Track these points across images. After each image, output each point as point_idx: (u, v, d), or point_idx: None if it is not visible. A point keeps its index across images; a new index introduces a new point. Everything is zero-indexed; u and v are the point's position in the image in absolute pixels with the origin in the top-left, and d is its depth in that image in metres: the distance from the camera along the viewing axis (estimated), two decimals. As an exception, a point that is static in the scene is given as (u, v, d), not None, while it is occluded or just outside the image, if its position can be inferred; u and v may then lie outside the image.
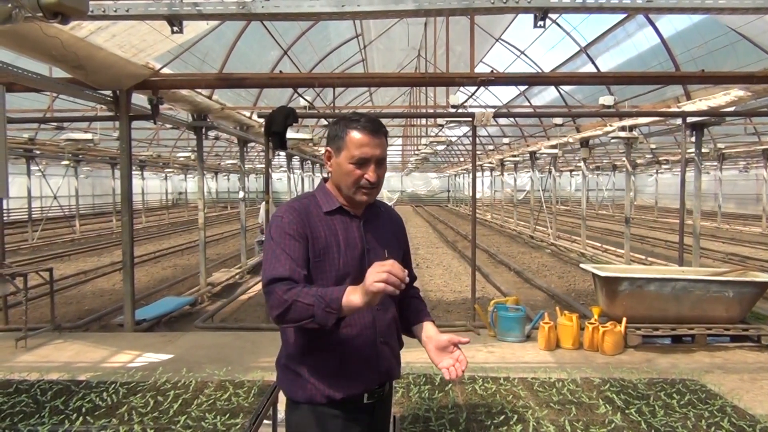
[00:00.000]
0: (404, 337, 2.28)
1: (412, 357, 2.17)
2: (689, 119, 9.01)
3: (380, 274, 1.67)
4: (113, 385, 2.95)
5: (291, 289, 1.87)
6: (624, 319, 6.26)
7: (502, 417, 2.56)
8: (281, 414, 3.74)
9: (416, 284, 2.37)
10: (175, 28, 4.53)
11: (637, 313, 6.40)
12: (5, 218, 9.33)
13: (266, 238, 2.10)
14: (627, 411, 2.65)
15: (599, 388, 2.97)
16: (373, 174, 2.04)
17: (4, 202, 8.59)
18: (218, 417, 2.50)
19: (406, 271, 1.72)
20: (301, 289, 1.86)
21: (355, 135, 2.02)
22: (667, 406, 2.73)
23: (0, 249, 8.48)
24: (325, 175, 2.22)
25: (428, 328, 2.16)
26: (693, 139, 9.37)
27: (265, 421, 3.08)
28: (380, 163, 2.07)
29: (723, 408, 2.71)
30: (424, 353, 2.15)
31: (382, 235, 2.18)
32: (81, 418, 2.51)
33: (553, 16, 10.54)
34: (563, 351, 6.23)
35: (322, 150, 1.74)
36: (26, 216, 18.87)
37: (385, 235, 2.20)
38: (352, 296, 1.75)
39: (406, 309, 2.28)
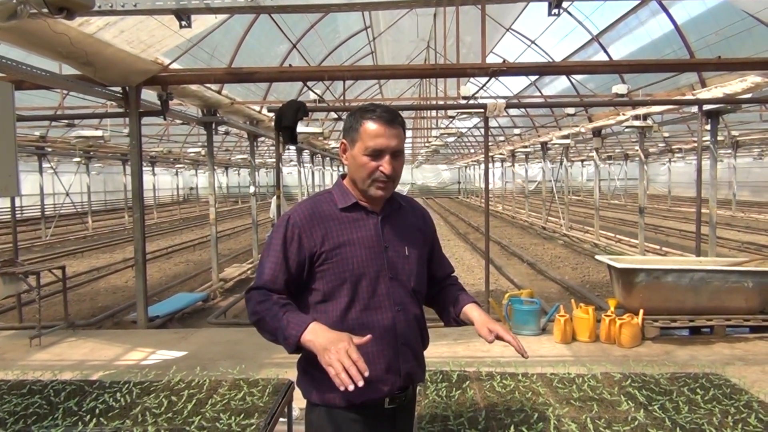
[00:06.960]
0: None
1: (426, 352, 2.11)
2: (705, 107, 8.88)
3: (339, 363, 1.65)
4: (127, 385, 2.92)
5: (264, 301, 1.85)
6: (641, 311, 6.18)
7: (522, 415, 2.50)
8: (296, 412, 3.71)
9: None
10: (184, 23, 4.48)
11: (654, 305, 6.32)
12: (18, 216, 9.35)
13: (270, 234, 2.06)
14: (650, 407, 2.58)
15: (620, 384, 2.90)
16: (389, 166, 1.92)
17: (17, 200, 8.62)
18: (233, 417, 2.46)
19: (366, 373, 1.65)
20: (272, 306, 1.84)
21: (370, 125, 1.92)
22: (691, 401, 2.65)
23: (13, 247, 8.52)
24: (344, 171, 2.15)
25: (473, 313, 2.09)
26: (708, 127, 9.24)
27: (281, 419, 3.05)
28: (396, 155, 1.95)
29: (749, 403, 2.63)
30: (438, 348, 2.09)
31: (402, 232, 2.08)
32: (94, 420, 2.48)
33: (565, 4, 10.34)
34: (580, 344, 6.16)
35: (333, 143, 1.67)
36: (39, 213, 19.03)
37: (407, 232, 2.10)
38: (310, 338, 1.75)
39: (445, 299, 2.20)
